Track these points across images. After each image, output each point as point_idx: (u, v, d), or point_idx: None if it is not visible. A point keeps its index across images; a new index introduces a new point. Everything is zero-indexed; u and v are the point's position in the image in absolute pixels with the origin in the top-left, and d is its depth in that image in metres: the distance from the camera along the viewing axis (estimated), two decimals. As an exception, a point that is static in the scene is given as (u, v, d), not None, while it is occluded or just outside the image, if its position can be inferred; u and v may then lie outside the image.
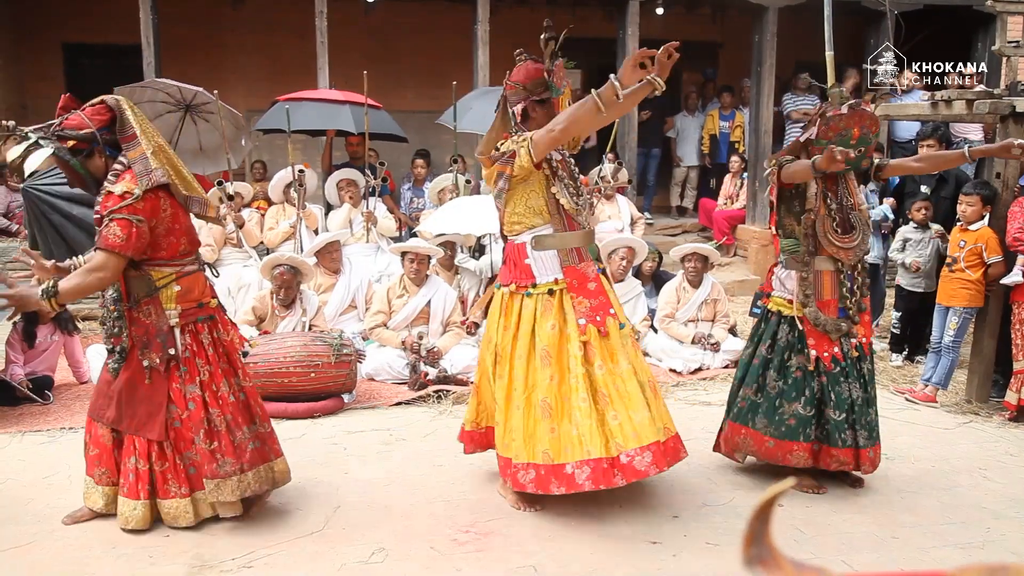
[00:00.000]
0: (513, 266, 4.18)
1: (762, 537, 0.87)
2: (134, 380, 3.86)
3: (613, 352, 4.05)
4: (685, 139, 12.19)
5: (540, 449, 4.00)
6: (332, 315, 7.00)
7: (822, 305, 4.38)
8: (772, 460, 4.44)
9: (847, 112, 4.26)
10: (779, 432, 4.38)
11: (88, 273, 3.64)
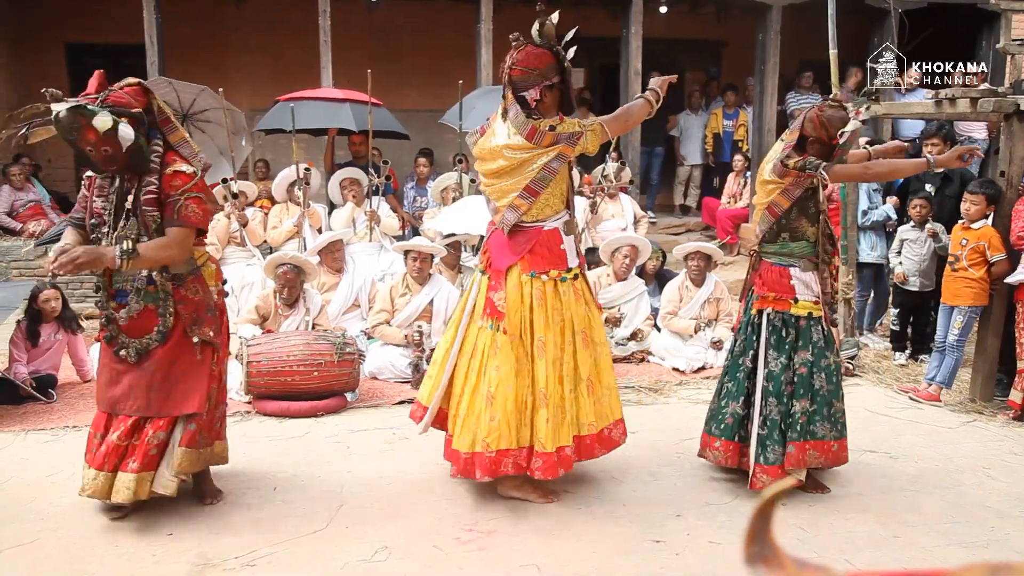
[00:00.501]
0: (548, 252, 4.13)
1: (764, 535, 0.87)
2: (174, 358, 3.92)
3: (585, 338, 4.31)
4: (688, 138, 12.17)
5: (586, 422, 4.20)
6: (335, 314, 7.00)
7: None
8: (836, 464, 4.48)
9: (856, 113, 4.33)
10: (836, 432, 4.42)
11: (166, 247, 3.76)
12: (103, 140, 3.67)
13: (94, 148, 3.70)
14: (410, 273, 6.77)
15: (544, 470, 4.05)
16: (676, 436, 5.22)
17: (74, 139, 3.69)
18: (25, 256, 9.24)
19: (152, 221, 3.79)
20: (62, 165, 12.24)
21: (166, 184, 3.78)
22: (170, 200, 3.77)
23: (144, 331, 3.91)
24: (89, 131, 3.65)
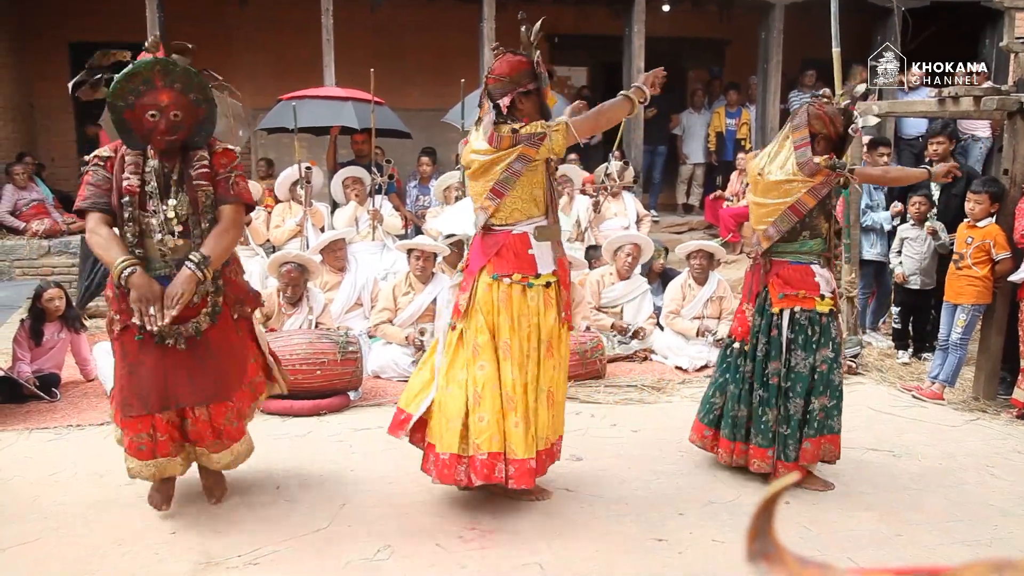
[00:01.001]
0: (513, 256, 4.10)
1: (766, 532, 0.87)
2: (230, 341, 3.87)
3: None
4: (691, 136, 12.17)
5: (543, 436, 4.13)
6: (338, 313, 7.00)
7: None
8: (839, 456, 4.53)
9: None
10: (840, 425, 4.50)
11: (227, 231, 3.65)
12: (176, 104, 3.52)
13: (159, 112, 3.50)
14: (413, 272, 6.78)
15: (518, 478, 3.96)
16: (679, 435, 5.21)
17: (135, 98, 3.49)
18: (29, 255, 9.26)
19: (205, 196, 3.63)
20: (65, 164, 12.27)
21: (216, 162, 3.68)
22: (220, 177, 3.66)
23: (188, 316, 3.65)
24: (166, 92, 3.50)
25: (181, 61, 3.55)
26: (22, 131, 11.78)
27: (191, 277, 3.47)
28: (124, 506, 4.17)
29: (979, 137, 10.32)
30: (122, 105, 3.51)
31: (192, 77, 3.56)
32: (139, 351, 3.66)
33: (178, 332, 3.65)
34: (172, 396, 3.71)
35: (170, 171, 3.63)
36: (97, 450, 4.99)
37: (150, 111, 3.49)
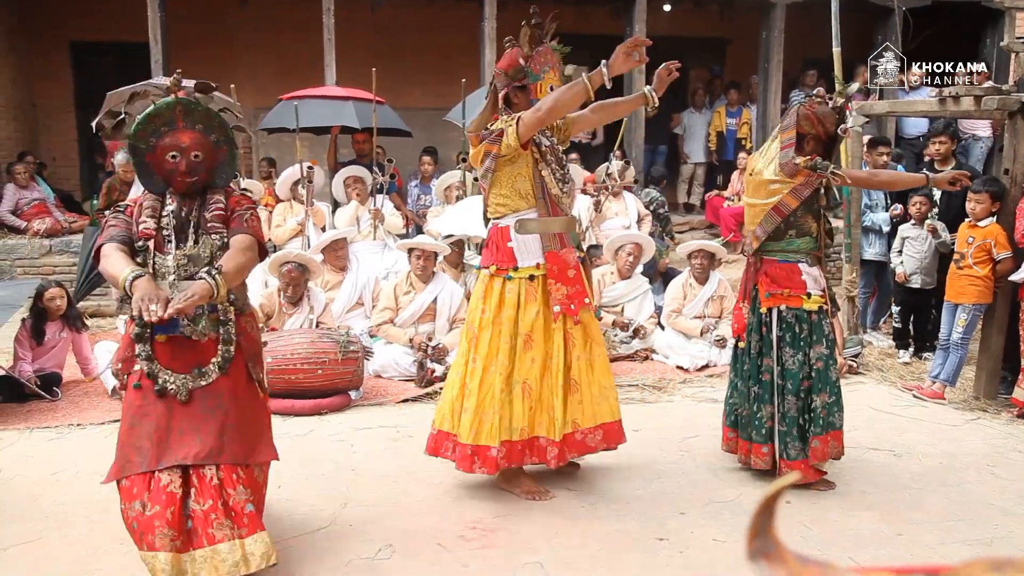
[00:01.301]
0: (496, 249, 4.23)
1: (766, 531, 0.87)
2: (244, 395, 3.47)
3: (588, 339, 4.28)
4: (692, 136, 12.17)
5: (517, 426, 4.17)
6: (339, 312, 7.01)
7: None
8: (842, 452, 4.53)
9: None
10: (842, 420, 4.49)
11: (241, 252, 3.40)
12: (197, 145, 3.44)
13: (180, 153, 3.41)
14: (414, 271, 6.78)
15: (458, 460, 4.23)
16: (680, 434, 5.22)
17: (156, 140, 3.41)
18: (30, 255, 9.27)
19: (219, 239, 3.46)
20: (66, 164, 12.28)
21: (232, 203, 3.55)
22: (235, 215, 3.51)
23: (194, 364, 3.40)
24: (187, 133, 3.42)
25: (203, 101, 3.50)
26: (23, 130, 11.78)
27: (204, 284, 3.18)
28: (125, 505, 4.18)
29: (980, 137, 10.32)
30: (143, 148, 3.44)
31: (213, 118, 3.51)
32: (143, 403, 3.36)
33: (183, 380, 3.36)
34: (173, 450, 3.29)
35: (187, 215, 3.50)
36: (98, 449, 4.99)
37: (171, 152, 3.41)
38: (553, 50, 4.27)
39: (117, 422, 5.36)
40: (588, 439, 4.30)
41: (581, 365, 4.26)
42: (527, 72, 4.17)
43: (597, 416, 4.31)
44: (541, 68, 4.18)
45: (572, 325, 4.22)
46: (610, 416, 4.37)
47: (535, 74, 4.18)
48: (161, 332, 3.34)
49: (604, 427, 4.33)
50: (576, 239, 4.41)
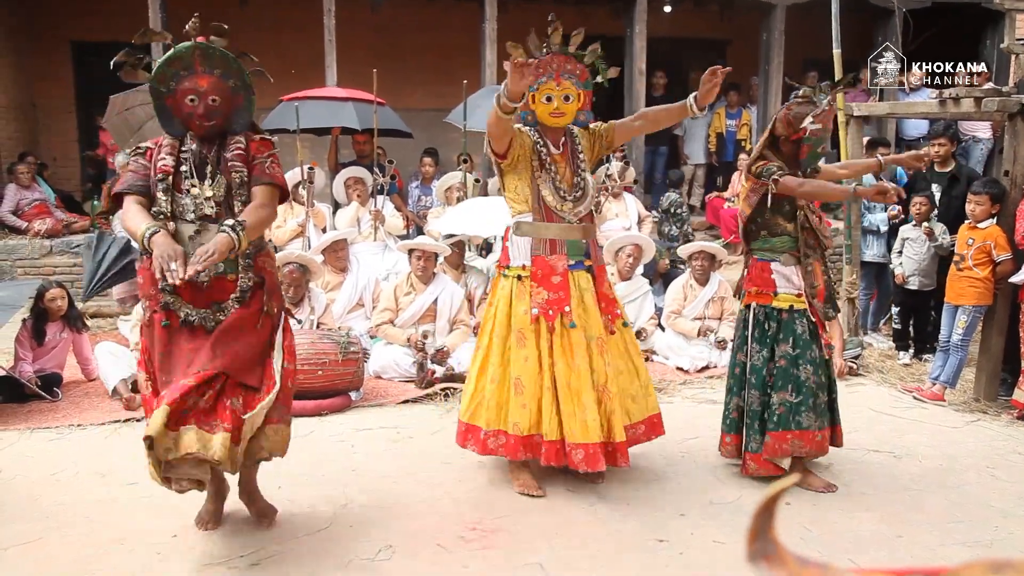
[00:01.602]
0: (502, 247, 4.49)
1: (766, 532, 0.88)
2: (244, 324, 3.61)
3: (570, 348, 4.24)
4: (692, 137, 12.16)
5: (512, 420, 4.25)
6: (340, 313, 7.01)
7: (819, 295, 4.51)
8: (821, 452, 4.50)
9: (827, 110, 4.32)
10: (821, 423, 4.45)
11: (263, 206, 3.58)
12: (215, 89, 3.58)
13: (199, 97, 3.55)
14: (414, 272, 6.79)
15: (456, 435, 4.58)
16: (680, 435, 5.22)
17: (176, 84, 3.54)
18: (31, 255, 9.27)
19: (239, 178, 3.61)
20: (67, 164, 12.28)
21: (253, 147, 3.69)
22: (256, 161, 3.65)
23: (214, 300, 3.58)
24: (205, 77, 3.56)
25: (218, 43, 3.62)
26: (24, 131, 11.78)
27: (225, 239, 3.33)
28: (126, 506, 4.18)
29: (980, 138, 10.32)
30: (163, 91, 3.57)
31: (231, 63, 3.64)
32: (168, 339, 3.57)
33: (205, 314, 3.57)
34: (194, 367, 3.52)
35: (206, 155, 3.63)
36: (99, 449, 5.00)
37: (189, 96, 3.54)
38: (574, 56, 4.29)
39: (117, 423, 5.43)
40: (572, 454, 4.18)
41: (564, 373, 4.21)
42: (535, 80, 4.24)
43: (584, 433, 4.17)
44: (537, 78, 4.20)
45: (561, 330, 4.23)
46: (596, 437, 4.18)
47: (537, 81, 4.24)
48: None
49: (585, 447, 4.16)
50: (582, 249, 4.38)
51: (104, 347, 6.22)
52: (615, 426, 4.27)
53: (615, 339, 4.43)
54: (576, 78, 4.26)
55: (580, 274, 4.33)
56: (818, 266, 4.49)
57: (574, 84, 4.26)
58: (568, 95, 4.24)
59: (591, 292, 4.35)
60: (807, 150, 4.34)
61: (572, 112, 4.31)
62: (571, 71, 4.25)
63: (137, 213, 3.50)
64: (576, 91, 4.28)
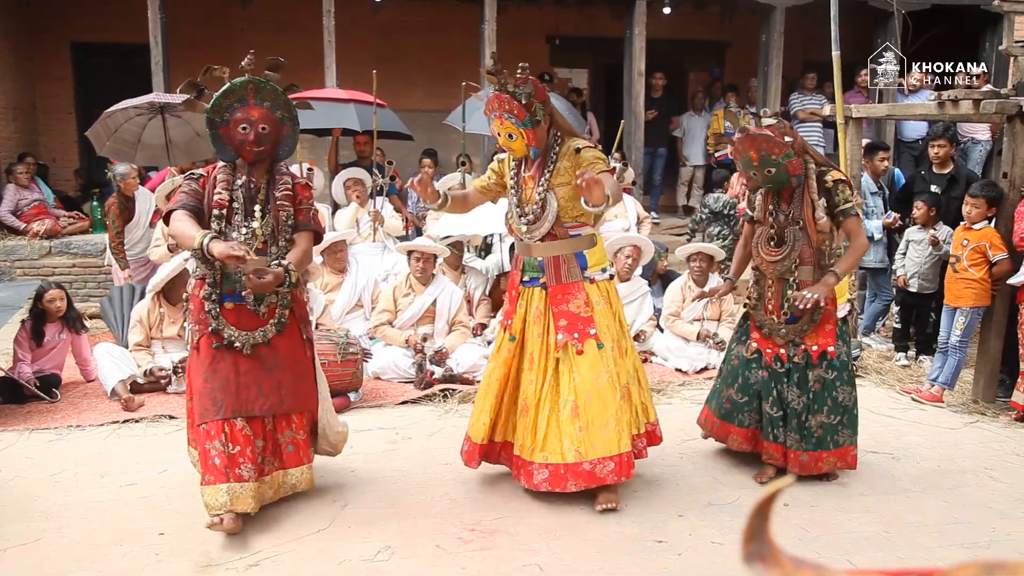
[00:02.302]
0: None
1: (762, 533, 0.88)
2: (297, 356, 4.10)
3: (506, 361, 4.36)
4: (691, 138, 12.16)
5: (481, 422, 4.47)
6: (338, 314, 7.01)
7: (773, 308, 4.56)
8: (717, 439, 4.81)
9: (740, 136, 4.36)
10: (720, 414, 4.72)
11: (306, 253, 4.12)
12: (264, 119, 3.93)
13: (250, 125, 3.90)
14: (413, 273, 6.79)
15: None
16: (679, 437, 5.22)
17: (230, 115, 3.90)
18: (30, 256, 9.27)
19: (286, 216, 4.01)
20: (66, 164, 12.28)
21: (299, 191, 4.10)
22: (303, 207, 4.08)
23: (256, 326, 3.99)
24: (256, 109, 3.91)
25: (272, 77, 3.96)
26: (24, 131, 11.79)
27: (282, 272, 3.84)
28: (125, 506, 4.19)
29: (979, 140, 10.33)
30: (218, 121, 3.93)
31: (279, 96, 3.99)
32: (213, 359, 3.92)
33: (247, 337, 3.95)
34: (243, 403, 3.91)
35: (256, 191, 4.01)
36: (97, 450, 5.00)
37: (241, 124, 3.91)
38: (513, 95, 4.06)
39: (116, 423, 5.43)
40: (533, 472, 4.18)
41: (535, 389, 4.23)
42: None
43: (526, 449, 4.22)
44: (490, 113, 4.17)
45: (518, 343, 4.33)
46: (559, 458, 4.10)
47: (487, 115, 4.24)
48: (229, 300, 3.97)
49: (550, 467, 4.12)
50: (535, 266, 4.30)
51: (103, 348, 6.23)
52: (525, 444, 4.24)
53: (584, 359, 4.16)
54: (515, 118, 4.08)
55: (534, 291, 4.32)
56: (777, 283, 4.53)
57: (513, 124, 4.10)
58: (511, 134, 4.14)
59: (537, 309, 4.28)
60: (742, 174, 4.60)
61: (520, 147, 4.18)
62: (509, 111, 4.08)
63: (190, 223, 3.89)
64: (517, 130, 4.11)
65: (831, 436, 4.48)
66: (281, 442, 4.07)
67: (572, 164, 4.18)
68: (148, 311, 6.32)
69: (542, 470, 4.13)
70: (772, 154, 4.29)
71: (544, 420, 4.17)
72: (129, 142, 8.32)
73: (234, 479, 3.80)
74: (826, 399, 4.46)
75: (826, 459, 4.48)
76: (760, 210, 4.57)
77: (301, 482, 4.15)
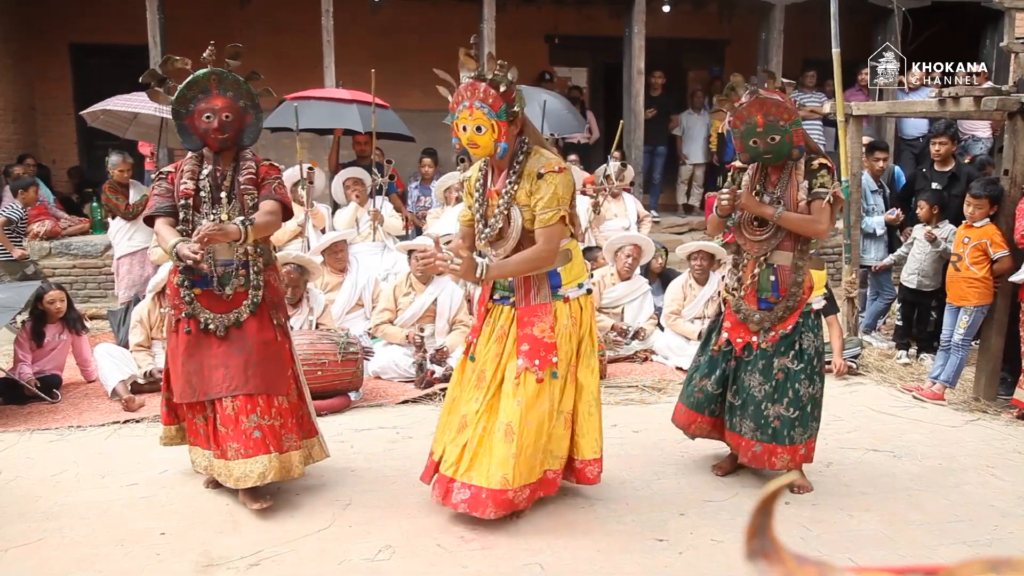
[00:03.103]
0: None
1: (764, 531, 0.87)
2: (265, 339, 4.16)
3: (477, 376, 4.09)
4: (691, 137, 12.15)
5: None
6: (339, 313, 7.01)
7: (749, 295, 4.43)
8: (681, 427, 4.75)
9: (747, 100, 4.20)
10: (689, 402, 4.65)
11: (270, 213, 4.11)
12: (227, 108, 4.06)
13: (214, 114, 4.04)
14: (413, 273, 6.79)
15: None
16: (679, 435, 5.20)
17: (194, 105, 4.04)
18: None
19: (251, 199, 4.12)
20: (66, 166, 12.28)
21: (263, 171, 4.21)
22: (265, 182, 4.19)
23: (228, 308, 4.12)
24: (219, 98, 4.06)
25: (233, 66, 4.13)
26: (23, 132, 11.79)
27: (234, 227, 3.92)
28: (126, 506, 4.19)
29: (979, 137, 10.33)
30: (184, 112, 4.09)
31: (242, 86, 4.16)
32: (188, 344, 4.11)
33: (220, 320, 4.10)
34: (211, 386, 4.07)
35: (222, 179, 4.15)
36: (98, 451, 5.00)
37: (206, 114, 4.05)
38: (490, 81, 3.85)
39: (117, 424, 5.43)
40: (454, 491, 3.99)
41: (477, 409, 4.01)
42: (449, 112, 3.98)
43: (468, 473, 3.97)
44: (458, 105, 3.89)
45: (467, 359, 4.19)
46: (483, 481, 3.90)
47: (451, 112, 3.93)
48: (197, 286, 4.11)
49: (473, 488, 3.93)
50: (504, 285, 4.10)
51: (103, 348, 6.22)
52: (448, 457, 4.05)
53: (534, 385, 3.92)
54: (489, 107, 3.81)
55: (504, 309, 4.09)
56: (752, 266, 4.42)
57: (486, 114, 3.81)
58: (480, 126, 3.82)
59: (502, 328, 4.07)
60: (738, 144, 4.32)
61: (486, 143, 3.85)
62: (483, 99, 3.81)
63: (167, 232, 4.04)
64: (489, 121, 3.81)
65: (787, 430, 4.33)
66: (246, 427, 4.03)
67: (531, 188, 3.90)
68: (148, 312, 6.31)
69: (463, 490, 3.93)
70: (780, 120, 4.15)
71: (476, 440, 3.95)
72: (124, 117, 8.41)
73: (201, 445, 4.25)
74: (787, 390, 4.33)
75: (780, 455, 4.33)
76: (747, 188, 4.40)
77: (270, 471, 4.02)
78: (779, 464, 4.34)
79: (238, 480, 4.04)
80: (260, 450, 4.03)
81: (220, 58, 4.09)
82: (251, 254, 4.14)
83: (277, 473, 4.06)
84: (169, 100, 4.08)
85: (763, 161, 4.36)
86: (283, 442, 4.14)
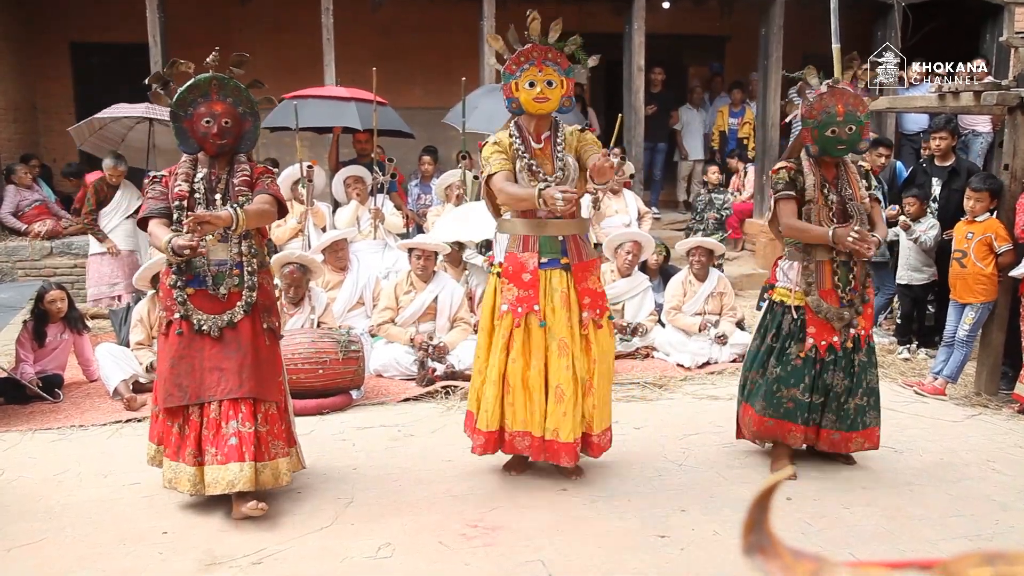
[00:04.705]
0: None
1: (761, 525, 0.88)
2: (257, 343, 4.10)
3: (530, 347, 4.27)
4: (691, 133, 12.15)
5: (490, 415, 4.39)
6: (340, 312, 7.01)
7: (824, 294, 4.46)
8: (772, 437, 4.66)
9: (827, 91, 4.33)
10: (778, 413, 4.54)
11: (264, 203, 4.07)
12: (227, 114, 4.05)
13: (213, 120, 4.03)
14: (414, 271, 6.79)
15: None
16: (680, 431, 5.23)
17: (193, 109, 4.04)
18: (31, 256, 9.28)
19: (245, 202, 4.06)
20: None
21: (257, 172, 4.20)
22: (258, 181, 4.17)
23: (222, 309, 4.05)
24: (219, 103, 4.05)
25: (236, 73, 4.12)
26: (24, 132, 11.78)
27: (227, 213, 3.87)
28: (128, 505, 4.19)
29: (980, 132, 10.31)
30: (182, 114, 4.08)
31: (242, 92, 4.14)
32: (179, 346, 4.02)
33: (213, 320, 4.02)
34: (204, 389, 3.98)
35: (216, 182, 4.12)
36: (100, 450, 5.01)
37: (205, 118, 4.04)
38: (554, 46, 4.31)
39: (119, 423, 5.43)
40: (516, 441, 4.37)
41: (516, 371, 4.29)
42: (502, 74, 4.32)
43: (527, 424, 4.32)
44: (520, 67, 4.26)
45: (525, 328, 4.26)
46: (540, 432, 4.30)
47: (508, 74, 4.29)
48: (190, 287, 4.03)
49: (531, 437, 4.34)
50: (555, 246, 4.30)
51: (105, 348, 6.23)
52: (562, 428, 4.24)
53: (602, 333, 4.43)
54: (558, 66, 4.27)
55: (554, 272, 4.29)
56: (828, 266, 4.45)
57: (556, 71, 4.26)
58: (551, 80, 4.25)
59: (562, 292, 4.28)
60: (811, 135, 4.41)
61: (556, 98, 4.27)
62: (552, 59, 4.27)
63: (161, 230, 4.00)
64: (559, 77, 4.27)
65: (861, 417, 4.56)
66: (224, 433, 3.96)
67: (574, 141, 4.38)
68: (149, 310, 6.31)
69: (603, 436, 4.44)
70: (858, 111, 4.36)
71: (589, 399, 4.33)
72: (112, 140, 8.43)
73: (182, 458, 4.00)
74: (862, 382, 4.55)
75: (855, 439, 4.58)
76: (814, 188, 4.44)
77: (240, 479, 3.91)
78: (854, 448, 4.62)
79: (208, 485, 3.96)
80: (233, 457, 3.93)
81: (224, 64, 4.09)
82: (245, 254, 4.08)
83: (248, 482, 3.91)
84: (168, 102, 4.07)
85: (834, 153, 4.44)
86: (271, 448, 4.07)
